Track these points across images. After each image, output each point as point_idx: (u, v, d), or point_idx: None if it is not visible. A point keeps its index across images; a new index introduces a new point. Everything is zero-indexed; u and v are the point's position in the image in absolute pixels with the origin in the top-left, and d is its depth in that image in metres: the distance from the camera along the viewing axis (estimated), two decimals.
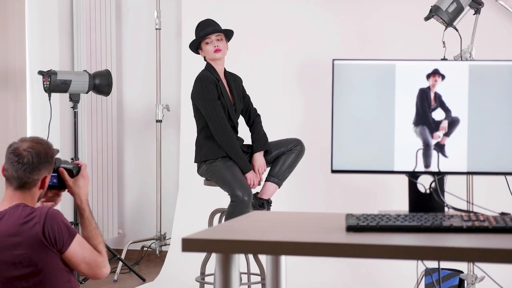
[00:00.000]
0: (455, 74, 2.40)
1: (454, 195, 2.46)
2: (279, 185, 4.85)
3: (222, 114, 4.72)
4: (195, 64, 6.17)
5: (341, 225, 2.29)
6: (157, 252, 6.29)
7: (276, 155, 4.88)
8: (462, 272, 4.69)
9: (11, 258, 2.97)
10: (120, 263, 5.89)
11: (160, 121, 6.27)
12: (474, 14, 4.66)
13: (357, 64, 2.42)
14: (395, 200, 5.67)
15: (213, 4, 6.15)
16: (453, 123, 2.41)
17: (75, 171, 3.22)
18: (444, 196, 2.42)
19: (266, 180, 4.85)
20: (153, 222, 6.36)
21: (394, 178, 5.40)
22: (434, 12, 4.55)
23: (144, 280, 5.79)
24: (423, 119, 2.41)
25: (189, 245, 2.11)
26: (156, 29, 6.28)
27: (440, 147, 2.42)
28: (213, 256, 4.83)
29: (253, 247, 2.07)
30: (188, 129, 6.10)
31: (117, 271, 5.84)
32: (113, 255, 5.89)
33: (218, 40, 4.84)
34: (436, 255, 1.94)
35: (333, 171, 2.44)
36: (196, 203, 6.06)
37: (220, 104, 4.73)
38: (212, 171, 4.72)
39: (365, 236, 2.13)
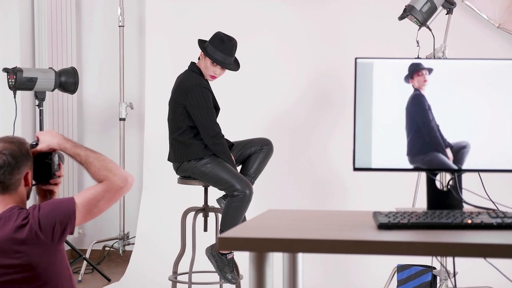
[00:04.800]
0: (473, 73, 2.43)
1: (475, 193, 2.49)
2: (251, 184, 4.85)
3: (217, 122, 4.71)
4: (160, 62, 6.14)
5: (367, 222, 2.31)
6: (120, 251, 6.20)
7: (247, 154, 4.88)
8: (434, 268, 4.75)
9: (10, 262, 2.89)
10: (85, 263, 5.80)
11: (124, 119, 6.18)
12: (446, 14, 4.74)
13: (379, 63, 2.43)
14: (359, 197, 5.74)
15: (176, 1, 6.11)
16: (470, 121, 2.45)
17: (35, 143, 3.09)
18: (462, 193, 2.45)
19: None
20: (115, 221, 6.27)
21: (356, 175, 5.50)
22: (409, 11, 4.61)
23: (109, 280, 5.72)
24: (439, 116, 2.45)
25: (226, 244, 2.09)
26: (119, 26, 6.19)
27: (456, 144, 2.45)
28: (187, 254, 4.81)
29: (293, 246, 2.06)
30: (152, 127, 6.04)
31: (82, 272, 5.76)
32: (79, 255, 5.81)
33: (221, 68, 4.80)
34: (480, 252, 1.97)
35: (355, 169, 2.45)
36: (161, 202, 6.02)
37: (214, 112, 4.73)
38: (204, 170, 4.66)
39: (399, 234, 2.14)
